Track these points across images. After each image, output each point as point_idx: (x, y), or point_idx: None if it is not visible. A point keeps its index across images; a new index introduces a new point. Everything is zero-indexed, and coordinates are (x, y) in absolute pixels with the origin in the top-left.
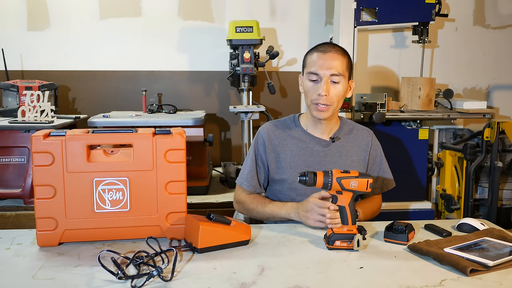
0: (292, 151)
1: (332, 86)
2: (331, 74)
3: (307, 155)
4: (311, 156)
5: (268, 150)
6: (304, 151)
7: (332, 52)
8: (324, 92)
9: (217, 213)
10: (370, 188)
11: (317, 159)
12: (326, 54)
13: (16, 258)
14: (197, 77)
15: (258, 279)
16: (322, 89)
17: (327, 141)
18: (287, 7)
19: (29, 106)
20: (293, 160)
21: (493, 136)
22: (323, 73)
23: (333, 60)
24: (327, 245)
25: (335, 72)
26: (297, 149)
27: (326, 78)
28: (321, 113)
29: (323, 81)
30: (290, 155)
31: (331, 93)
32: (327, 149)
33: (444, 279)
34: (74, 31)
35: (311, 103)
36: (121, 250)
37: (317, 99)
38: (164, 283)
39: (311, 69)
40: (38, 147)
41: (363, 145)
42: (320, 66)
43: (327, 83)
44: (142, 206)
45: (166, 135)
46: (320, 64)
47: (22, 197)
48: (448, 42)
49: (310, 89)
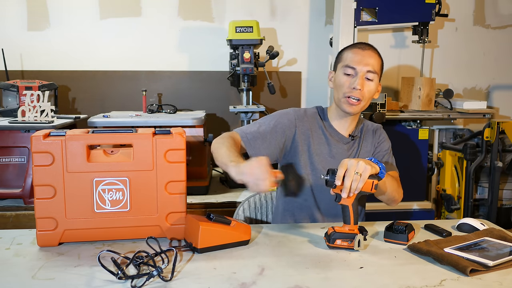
0: (320, 140)
1: (366, 83)
2: (367, 71)
3: (331, 146)
4: (335, 148)
5: (298, 131)
6: (329, 141)
7: (370, 50)
8: (359, 85)
9: (217, 213)
10: (375, 189)
11: (340, 151)
12: (364, 51)
13: (16, 258)
14: (197, 77)
15: (258, 279)
16: (358, 83)
17: (347, 139)
18: (287, 7)
19: (29, 106)
20: (319, 149)
21: (493, 136)
22: (360, 68)
23: (370, 57)
24: (327, 243)
25: (371, 69)
26: (323, 139)
27: (362, 73)
28: (352, 107)
29: (359, 75)
30: (317, 143)
31: (365, 88)
32: (347, 146)
33: (444, 279)
34: (74, 31)
35: (343, 97)
36: (121, 250)
37: (351, 92)
38: (164, 283)
39: (348, 63)
40: (38, 147)
41: (375, 140)
42: (358, 61)
43: (362, 78)
44: (142, 206)
45: (166, 135)
46: (358, 60)
47: (22, 197)
48: (448, 42)
49: (345, 83)
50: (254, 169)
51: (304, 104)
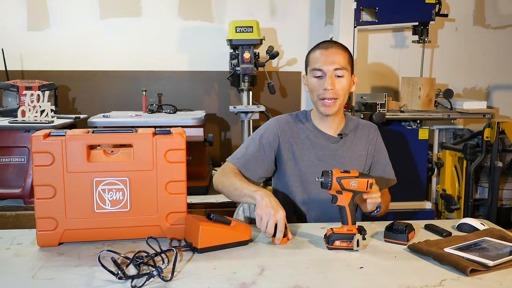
0: (304, 144)
1: (336, 80)
2: (334, 69)
3: (317, 148)
4: (322, 150)
5: (281, 141)
6: (316, 145)
7: (333, 47)
8: (330, 85)
9: (217, 213)
10: (371, 188)
11: (328, 152)
12: (328, 50)
13: (16, 258)
14: (197, 77)
15: (258, 279)
16: (328, 83)
17: (335, 138)
18: (287, 7)
19: (29, 106)
20: (305, 153)
21: (493, 136)
22: (327, 68)
23: (335, 55)
24: (327, 245)
25: (338, 66)
26: (308, 143)
27: (330, 72)
28: (328, 108)
29: (328, 75)
30: (302, 148)
31: (337, 86)
32: (336, 145)
33: (444, 279)
34: (74, 31)
35: (318, 99)
36: (121, 250)
37: (323, 93)
38: (164, 283)
39: (315, 65)
40: (38, 147)
41: (370, 139)
42: (323, 62)
43: (332, 77)
44: (142, 206)
45: (166, 135)
46: (323, 60)
47: (22, 197)
48: (448, 42)
49: (315, 85)
50: (270, 217)
51: (304, 104)
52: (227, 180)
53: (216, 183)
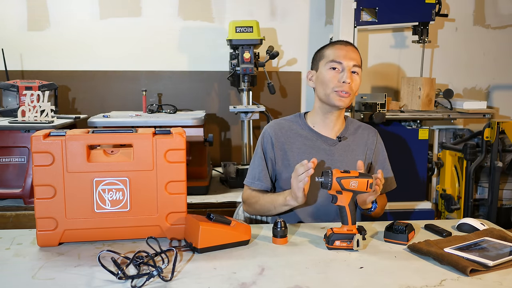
0: (300, 149)
1: (353, 76)
2: (353, 65)
3: (314, 153)
4: (318, 154)
5: (275, 148)
6: (311, 149)
7: (351, 46)
8: (349, 79)
9: (217, 213)
10: (370, 188)
11: (324, 157)
12: (347, 47)
13: (16, 258)
14: (197, 77)
15: (258, 279)
16: (347, 76)
17: (333, 140)
18: (287, 7)
19: (29, 106)
20: (301, 158)
21: (493, 136)
22: (346, 62)
23: (354, 52)
24: (327, 245)
25: (356, 63)
26: (304, 147)
27: (349, 67)
28: (342, 99)
29: (347, 69)
30: (297, 153)
31: (353, 82)
32: (334, 148)
33: (444, 279)
34: (74, 31)
35: (332, 91)
36: (121, 250)
37: (341, 86)
38: (164, 283)
39: (334, 58)
40: (38, 147)
41: (369, 144)
42: (343, 56)
43: (350, 72)
44: (142, 206)
45: (166, 135)
46: (343, 54)
47: (22, 197)
48: (448, 42)
49: (332, 78)
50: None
51: (304, 104)
52: (256, 204)
53: (248, 211)
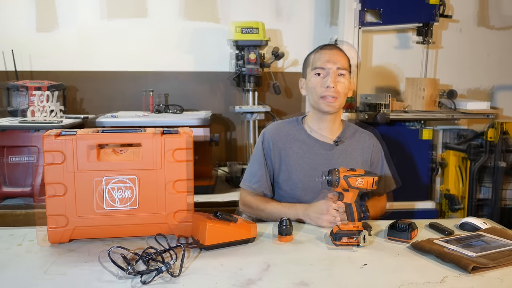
0: (297, 154)
1: (338, 80)
2: (337, 68)
3: (311, 157)
4: (316, 158)
5: (273, 152)
6: (309, 153)
7: (336, 49)
8: (332, 83)
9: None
10: (376, 186)
11: (321, 161)
12: (331, 51)
13: (28, 254)
14: (203, 78)
15: (264, 275)
16: (330, 81)
17: (331, 145)
18: (292, 9)
19: (39, 106)
20: (299, 163)
21: (497, 136)
22: (330, 66)
23: (338, 55)
24: (334, 242)
25: (340, 66)
26: (301, 152)
27: (333, 71)
28: (330, 104)
29: (330, 74)
30: (295, 158)
31: (338, 86)
32: (331, 153)
33: (446, 276)
34: (82, 32)
35: (319, 98)
36: (130, 247)
37: (325, 91)
38: (172, 279)
39: (317, 65)
40: (50, 146)
41: (366, 147)
42: (327, 60)
43: (334, 76)
44: (150, 204)
45: (175, 135)
46: (326, 59)
47: (32, 196)
48: (452, 43)
49: (317, 84)
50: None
51: (308, 104)
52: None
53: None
